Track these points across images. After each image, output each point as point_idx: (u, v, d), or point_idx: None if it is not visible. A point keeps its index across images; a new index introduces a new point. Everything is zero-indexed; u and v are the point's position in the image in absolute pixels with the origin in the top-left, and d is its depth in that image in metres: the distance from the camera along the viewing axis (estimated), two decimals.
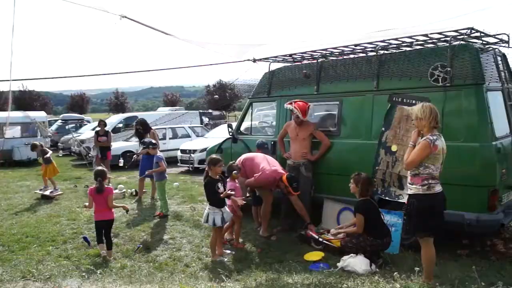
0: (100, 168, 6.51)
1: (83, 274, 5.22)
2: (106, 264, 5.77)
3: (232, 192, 6.11)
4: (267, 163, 6.80)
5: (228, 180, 6.67)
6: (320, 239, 6.20)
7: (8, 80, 6.54)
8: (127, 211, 6.69)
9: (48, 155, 11.09)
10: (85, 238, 6.69)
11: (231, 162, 6.80)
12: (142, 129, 10.06)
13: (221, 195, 5.95)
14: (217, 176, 6.06)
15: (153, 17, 5.87)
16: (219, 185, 6.00)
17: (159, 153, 8.65)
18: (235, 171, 6.53)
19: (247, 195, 7.25)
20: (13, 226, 7.89)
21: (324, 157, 6.89)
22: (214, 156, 6.24)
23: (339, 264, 5.38)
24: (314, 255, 5.90)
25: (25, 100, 62.24)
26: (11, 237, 7.14)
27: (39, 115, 21.16)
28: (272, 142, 7.70)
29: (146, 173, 8.84)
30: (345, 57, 7.31)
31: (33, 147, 11.65)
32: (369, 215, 5.43)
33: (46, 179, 10.99)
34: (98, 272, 5.27)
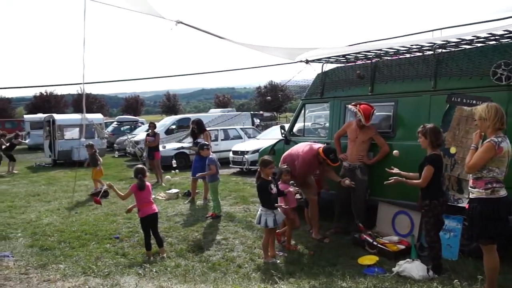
0: (140, 165, 6.64)
1: (139, 272, 5.34)
2: (161, 263, 5.89)
3: (281, 204, 6.11)
4: (300, 147, 6.83)
5: (279, 182, 6.66)
6: (375, 243, 6.08)
7: (80, 84, 6.85)
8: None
9: (97, 166, 11.58)
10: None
11: (281, 165, 6.77)
12: (197, 129, 10.19)
13: (275, 204, 5.98)
14: (269, 178, 6.05)
15: (208, 22, 5.94)
16: (272, 186, 5.99)
17: (211, 155, 8.74)
18: (284, 173, 6.52)
19: (299, 197, 7.21)
20: (73, 223, 8.21)
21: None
22: (265, 157, 6.23)
23: (395, 269, 5.24)
24: (368, 259, 5.77)
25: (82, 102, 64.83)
26: (71, 234, 7.43)
27: (96, 117, 21.89)
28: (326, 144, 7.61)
29: (197, 175, 8.89)
30: (400, 56, 7.12)
31: (89, 147, 11.99)
32: (437, 171, 5.09)
33: (98, 180, 11.34)
34: (154, 270, 5.40)
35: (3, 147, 17.38)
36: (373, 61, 7.16)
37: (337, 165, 6.70)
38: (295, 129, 8.59)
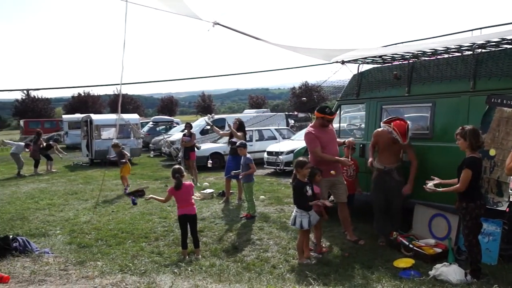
0: (177, 166, 6.72)
1: (175, 270, 5.43)
2: (195, 262, 5.97)
3: (318, 202, 6.07)
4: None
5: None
6: (411, 246, 5.99)
7: (118, 84, 7.01)
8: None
9: (124, 160, 11.77)
10: (132, 200, 7.05)
11: (311, 167, 6.73)
12: (237, 127, 10.23)
13: (311, 203, 5.94)
14: (305, 179, 6.04)
15: (244, 22, 5.98)
16: (307, 188, 5.98)
17: (247, 154, 8.80)
18: (318, 174, 6.49)
19: (332, 198, 7.17)
20: (110, 222, 8.40)
21: (415, 160, 6.61)
22: (301, 158, 6.20)
23: (431, 273, 5.15)
24: (404, 262, 5.69)
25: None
26: (108, 232, 7.61)
27: (132, 117, 22.25)
28: (361, 145, 7.55)
29: (240, 176, 8.91)
30: (438, 57, 6.99)
31: (114, 146, 12.18)
32: (475, 174, 4.99)
33: (126, 177, 11.63)
34: (189, 269, 5.47)
35: (41, 146, 17.90)
36: (410, 61, 7.06)
37: (334, 117, 6.93)
38: None
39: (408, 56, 7.16)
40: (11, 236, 5.82)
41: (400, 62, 7.50)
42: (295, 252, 6.28)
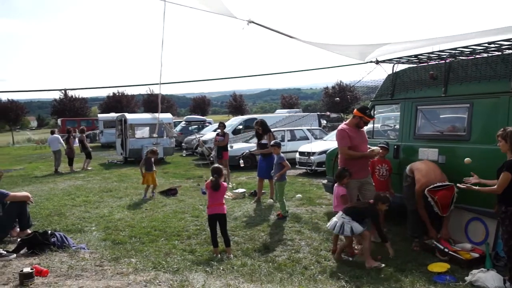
0: (217, 165, 6.75)
1: (207, 269, 5.46)
2: (227, 261, 5.98)
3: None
4: None
5: (336, 185, 6.58)
6: (446, 250, 5.85)
7: (157, 84, 7.12)
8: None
9: (154, 169, 11.64)
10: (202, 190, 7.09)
11: (340, 168, 6.67)
12: (261, 130, 10.24)
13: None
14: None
15: (278, 20, 5.96)
16: None
17: (280, 154, 8.82)
18: (348, 177, 6.42)
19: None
20: (143, 219, 8.52)
21: (452, 163, 6.47)
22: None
23: (468, 278, 5.03)
24: (439, 266, 5.57)
25: (153, 103, 66.99)
26: (141, 230, 7.71)
27: (165, 116, 22.51)
28: (395, 147, 7.42)
29: (275, 177, 8.85)
30: (477, 56, 6.81)
31: (152, 153, 11.88)
32: None
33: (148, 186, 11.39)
34: (221, 268, 5.49)
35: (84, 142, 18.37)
36: (447, 61, 6.90)
37: (372, 120, 6.92)
38: None
39: (445, 56, 7.00)
40: (49, 231, 5.98)
41: (437, 62, 7.35)
42: (327, 253, 6.24)
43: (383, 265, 5.65)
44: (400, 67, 7.87)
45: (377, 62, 7.97)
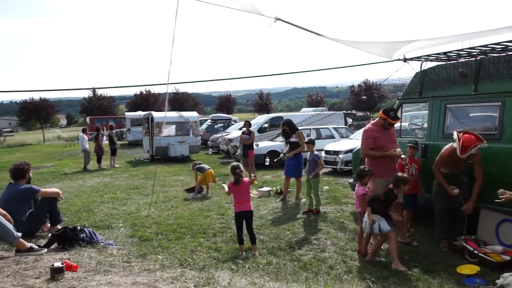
0: (235, 162, 6.77)
1: (232, 267, 5.47)
2: (253, 259, 5.99)
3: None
4: None
5: (357, 185, 6.51)
6: (476, 252, 5.72)
7: (165, 84, 7.18)
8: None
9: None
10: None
11: (360, 167, 6.59)
12: (289, 129, 10.21)
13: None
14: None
15: (305, 18, 5.92)
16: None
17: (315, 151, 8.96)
18: (369, 176, 6.34)
19: None
20: (170, 217, 8.60)
21: (482, 163, 6.30)
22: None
23: (499, 281, 4.89)
24: (469, 268, 5.44)
25: (179, 101, 67.45)
26: (168, 227, 7.78)
27: (191, 115, 22.68)
28: (424, 146, 7.30)
29: (311, 175, 8.87)
30: (509, 53, 6.63)
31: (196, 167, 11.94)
32: None
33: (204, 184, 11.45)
34: (247, 267, 5.50)
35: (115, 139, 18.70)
36: (477, 58, 6.74)
37: (396, 123, 6.82)
38: None
39: (475, 53, 6.85)
40: (79, 227, 6.08)
41: (466, 59, 7.20)
42: (353, 253, 6.19)
43: (409, 271, 5.48)
44: (428, 64, 7.73)
45: (405, 59, 7.85)
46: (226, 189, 6.64)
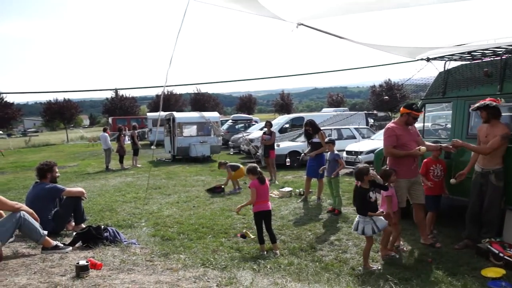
0: (253, 164, 6.75)
1: (254, 267, 5.49)
2: (274, 260, 5.99)
3: (381, 211, 5.85)
4: None
5: (386, 184, 6.43)
6: (501, 254, 5.62)
7: (162, 86, 7.27)
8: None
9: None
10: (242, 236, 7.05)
11: (383, 167, 6.51)
12: (312, 130, 10.19)
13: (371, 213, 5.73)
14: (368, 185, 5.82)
15: (327, 21, 5.89)
16: (370, 194, 5.75)
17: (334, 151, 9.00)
18: (392, 174, 6.26)
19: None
20: (191, 216, 8.65)
21: (508, 164, 6.16)
22: (361, 166, 5.99)
23: None
24: (494, 271, 5.32)
25: (200, 101, 67.71)
26: (189, 227, 7.83)
27: (212, 115, 22.76)
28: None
29: (332, 175, 8.94)
30: None
31: (221, 165, 12.39)
32: None
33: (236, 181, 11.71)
34: (268, 267, 5.51)
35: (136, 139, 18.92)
36: (503, 57, 6.63)
37: (421, 114, 6.70)
38: None
39: (500, 52, 6.73)
40: (102, 226, 6.17)
41: (491, 59, 7.08)
42: (375, 254, 6.16)
43: (380, 268, 5.65)
44: (452, 64, 7.63)
45: (428, 59, 7.77)
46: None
